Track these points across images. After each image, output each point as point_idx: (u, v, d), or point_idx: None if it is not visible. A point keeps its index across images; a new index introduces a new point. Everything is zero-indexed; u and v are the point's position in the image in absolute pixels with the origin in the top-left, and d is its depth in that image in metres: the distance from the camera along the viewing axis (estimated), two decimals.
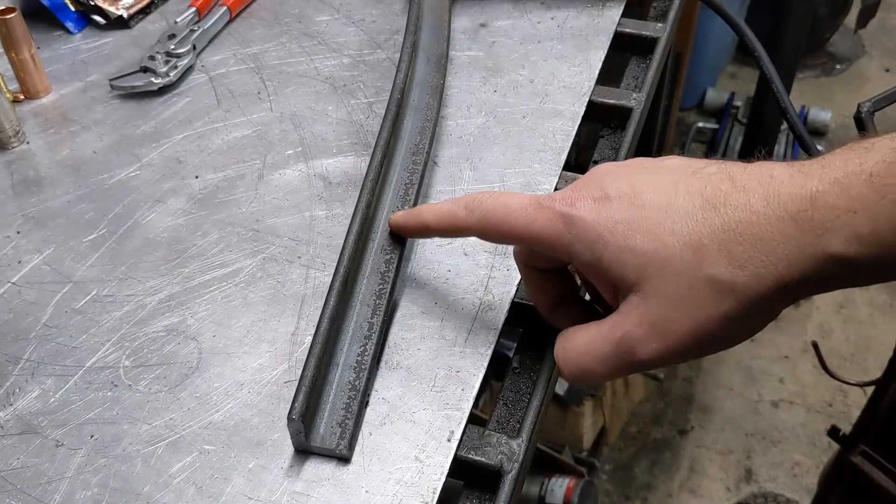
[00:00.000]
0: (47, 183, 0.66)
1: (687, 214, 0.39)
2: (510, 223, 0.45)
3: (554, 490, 1.44)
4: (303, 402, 0.44)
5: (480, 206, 0.46)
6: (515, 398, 0.51)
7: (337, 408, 0.46)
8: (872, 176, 0.35)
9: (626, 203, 0.41)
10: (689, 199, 0.39)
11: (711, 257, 0.38)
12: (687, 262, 0.38)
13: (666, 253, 0.39)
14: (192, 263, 0.58)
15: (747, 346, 2.07)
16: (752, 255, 0.37)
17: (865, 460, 1.11)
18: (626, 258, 0.40)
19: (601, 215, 0.41)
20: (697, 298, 0.39)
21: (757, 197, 0.37)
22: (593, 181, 0.43)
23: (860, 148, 0.36)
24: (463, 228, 0.48)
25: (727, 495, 1.79)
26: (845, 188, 0.35)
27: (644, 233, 0.40)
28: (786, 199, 0.36)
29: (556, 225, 0.43)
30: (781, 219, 0.36)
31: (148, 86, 0.73)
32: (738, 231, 0.37)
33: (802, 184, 0.36)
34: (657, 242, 0.39)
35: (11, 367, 0.52)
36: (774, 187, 0.37)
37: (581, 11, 0.78)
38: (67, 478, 0.46)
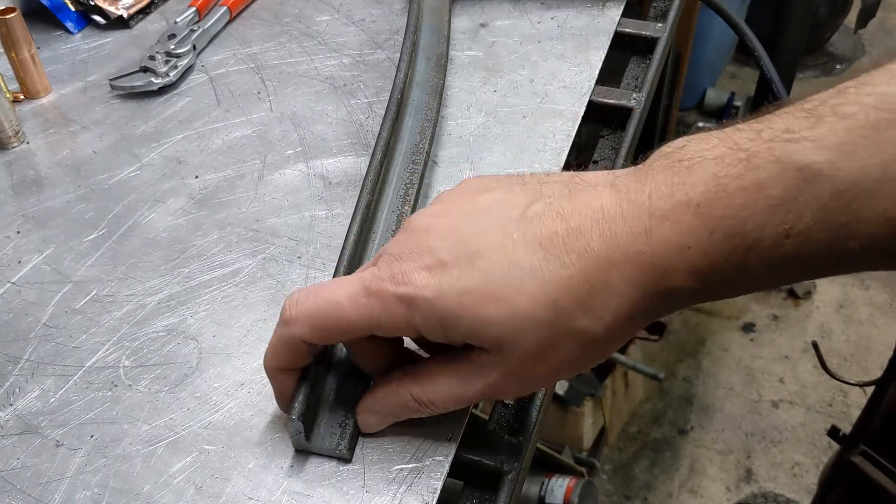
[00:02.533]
0: (47, 183, 0.66)
1: (533, 271, 0.37)
2: (345, 320, 0.40)
3: (554, 490, 1.44)
4: (302, 402, 0.43)
5: (301, 312, 0.41)
6: (515, 398, 0.51)
7: (337, 408, 0.46)
8: (700, 206, 0.35)
9: (465, 267, 0.38)
10: (529, 251, 0.38)
11: (567, 313, 0.38)
12: (544, 322, 0.38)
13: (521, 317, 0.38)
14: (192, 263, 0.58)
15: (747, 347, 2.08)
16: (604, 303, 0.37)
17: (865, 460, 1.11)
18: (480, 329, 0.38)
19: (442, 288, 0.38)
20: (557, 349, 0.39)
21: (595, 240, 0.37)
22: (417, 242, 0.40)
23: (681, 168, 0.37)
24: (296, 345, 0.42)
25: (727, 495, 1.79)
26: (676, 222, 0.36)
27: (494, 300, 0.38)
28: (623, 241, 0.37)
29: (397, 310, 0.39)
30: (623, 262, 0.37)
31: (148, 86, 0.73)
32: (587, 281, 0.37)
33: (635, 220, 0.37)
34: (510, 308, 0.38)
35: (11, 367, 0.52)
36: (608, 227, 0.37)
37: (581, 11, 0.78)
38: (67, 478, 0.46)
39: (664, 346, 2.06)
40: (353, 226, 0.52)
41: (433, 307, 0.38)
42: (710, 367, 2.04)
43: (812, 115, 0.34)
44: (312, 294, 0.42)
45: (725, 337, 2.11)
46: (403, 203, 0.56)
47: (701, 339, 2.11)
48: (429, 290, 0.38)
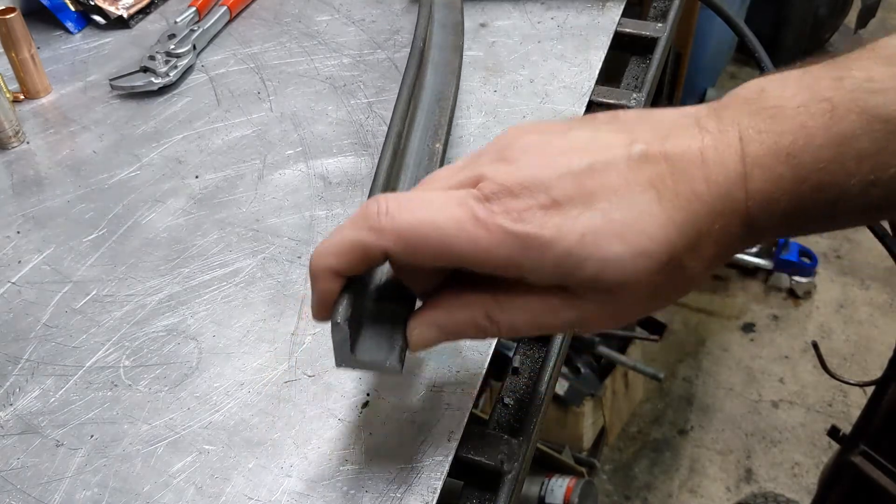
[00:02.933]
0: (47, 183, 0.66)
1: (651, 212, 0.37)
2: (445, 248, 0.37)
3: (554, 490, 1.44)
4: (347, 307, 0.38)
5: (395, 225, 0.37)
6: (515, 398, 0.51)
7: (383, 323, 0.41)
8: (790, 157, 0.36)
9: (582, 207, 0.36)
10: (644, 192, 0.37)
11: (680, 254, 0.37)
12: (662, 262, 0.37)
13: (644, 257, 0.37)
14: (192, 263, 0.58)
15: (747, 347, 2.08)
16: (708, 248, 0.38)
17: (865, 460, 1.11)
18: (604, 270, 0.37)
19: (563, 228, 0.36)
20: (661, 288, 0.38)
21: (700, 184, 0.37)
22: (527, 176, 0.37)
23: (766, 114, 0.37)
24: (374, 255, 0.38)
25: (727, 495, 1.79)
26: (769, 171, 0.36)
27: (618, 239, 0.36)
28: (725, 187, 0.37)
29: (508, 247, 0.36)
30: (725, 209, 0.37)
31: (148, 86, 0.73)
32: (697, 226, 0.37)
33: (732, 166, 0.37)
34: (633, 248, 0.36)
35: (11, 367, 0.52)
36: (710, 171, 0.37)
37: (581, 11, 0.78)
38: (67, 478, 0.46)
39: (664, 346, 2.06)
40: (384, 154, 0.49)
41: (552, 249, 0.36)
42: (710, 367, 2.04)
43: (892, 62, 0.35)
44: (407, 208, 0.37)
45: (725, 337, 2.11)
46: (434, 141, 0.54)
47: (701, 339, 2.11)
48: (548, 230, 0.36)
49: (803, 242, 2.23)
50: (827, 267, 2.25)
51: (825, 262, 2.25)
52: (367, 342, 0.40)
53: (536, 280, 0.38)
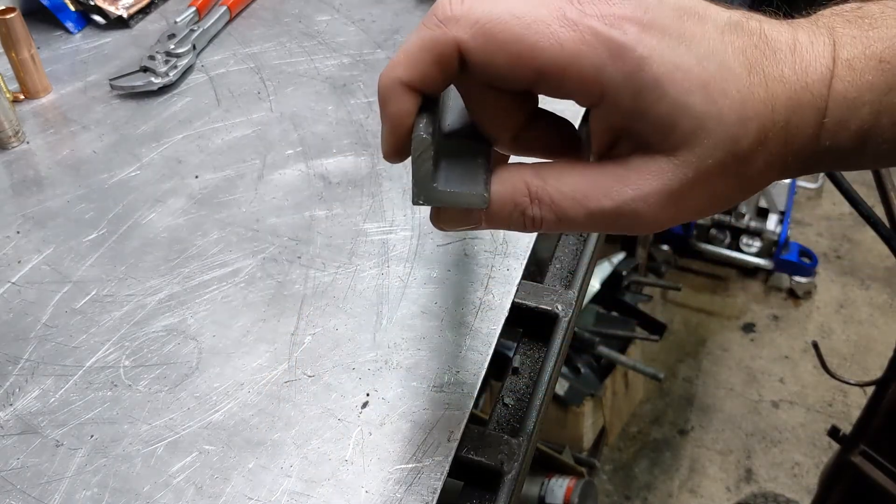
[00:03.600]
0: (47, 183, 0.66)
1: (737, 77, 0.34)
2: (526, 43, 0.32)
3: (554, 490, 1.44)
4: (428, 123, 0.34)
5: (469, 12, 0.33)
6: (515, 398, 0.51)
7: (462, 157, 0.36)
8: (882, 62, 0.35)
9: (678, 41, 0.33)
10: (737, 55, 0.34)
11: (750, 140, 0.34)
12: (734, 137, 0.34)
13: (720, 121, 0.34)
14: (192, 263, 0.58)
15: (747, 347, 2.08)
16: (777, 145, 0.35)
17: (865, 460, 1.11)
18: (678, 118, 0.33)
19: (657, 51, 0.33)
20: (724, 177, 0.35)
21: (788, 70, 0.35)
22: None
23: (863, 22, 0.36)
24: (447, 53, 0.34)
25: (727, 495, 1.79)
26: (858, 74, 0.35)
27: (702, 89, 0.33)
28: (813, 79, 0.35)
29: (597, 54, 0.32)
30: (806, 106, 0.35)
31: (148, 86, 0.73)
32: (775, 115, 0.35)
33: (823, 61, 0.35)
34: (714, 106, 0.33)
35: (11, 367, 0.52)
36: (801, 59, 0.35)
37: None
38: (67, 478, 0.46)
39: (664, 346, 2.06)
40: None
41: (644, 67, 0.33)
42: (710, 367, 2.04)
43: None
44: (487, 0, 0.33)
45: (725, 337, 2.11)
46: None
47: (701, 339, 2.11)
48: (643, 46, 0.32)
49: (804, 242, 2.23)
50: (827, 267, 2.25)
51: (825, 262, 2.25)
52: (448, 173, 0.35)
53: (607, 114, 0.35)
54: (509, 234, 0.57)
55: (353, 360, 0.50)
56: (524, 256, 0.56)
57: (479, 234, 0.57)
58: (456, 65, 0.34)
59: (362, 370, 0.50)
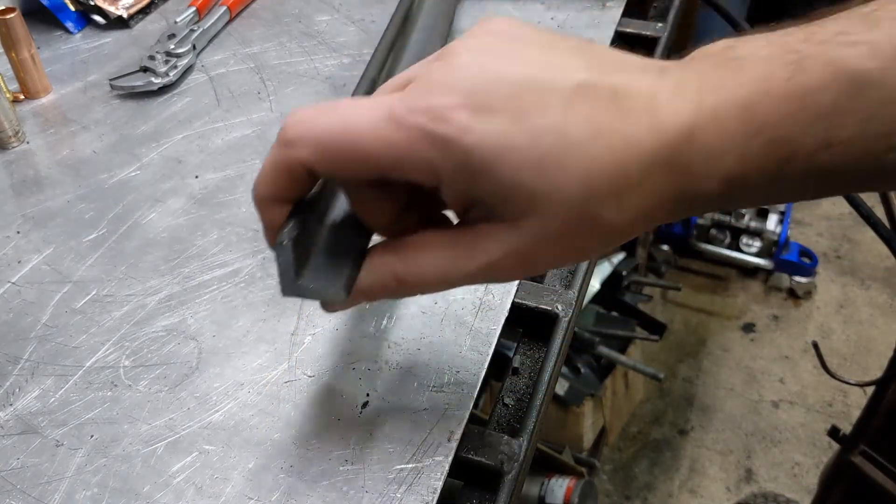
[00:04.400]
0: (47, 183, 0.66)
1: (578, 147, 0.34)
2: (362, 151, 0.34)
3: (554, 490, 1.44)
4: (293, 227, 0.37)
5: (308, 132, 0.35)
6: (515, 398, 0.51)
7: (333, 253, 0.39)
8: (745, 109, 0.34)
9: (511, 121, 0.34)
10: (579, 125, 0.34)
11: (599, 200, 0.35)
12: (575, 203, 0.35)
13: (556, 193, 0.34)
14: (192, 263, 0.58)
15: (747, 347, 2.08)
16: (635, 200, 0.35)
17: (865, 460, 1.11)
18: (510, 195, 0.35)
19: (485, 137, 0.33)
20: (574, 236, 0.36)
21: (642, 130, 0.35)
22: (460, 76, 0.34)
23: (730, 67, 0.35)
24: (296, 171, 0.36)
25: (727, 495, 1.79)
26: (722, 123, 0.34)
27: (535, 166, 0.34)
28: (668, 135, 0.34)
29: (427, 150, 0.34)
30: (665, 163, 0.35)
31: (148, 86, 0.73)
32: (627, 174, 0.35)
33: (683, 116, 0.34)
34: (548, 179, 0.34)
35: (11, 367, 0.52)
36: (656, 116, 0.35)
37: (581, 11, 0.78)
38: (67, 478, 0.46)
39: (664, 346, 2.06)
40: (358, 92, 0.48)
41: (472, 154, 0.34)
42: (710, 367, 2.04)
43: (868, 19, 0.33)
44: (323, 112, 0.35)
45: (725, 337, 2.11)
46: None
47: (701, 339, 2.11)
48: (470, 135, 0.33)
49: (804, 242, 2.23)
50: (827, 267, 2.25)
51: (825, 262, 2.25)
52: (314, 270, 0.38)
53: (452, 196, 0.36)
54: None
55: (353, 360, 0.50)
56: None
57: None
58: (307, 178, 0.37)
59: (362, 370, 0.50)
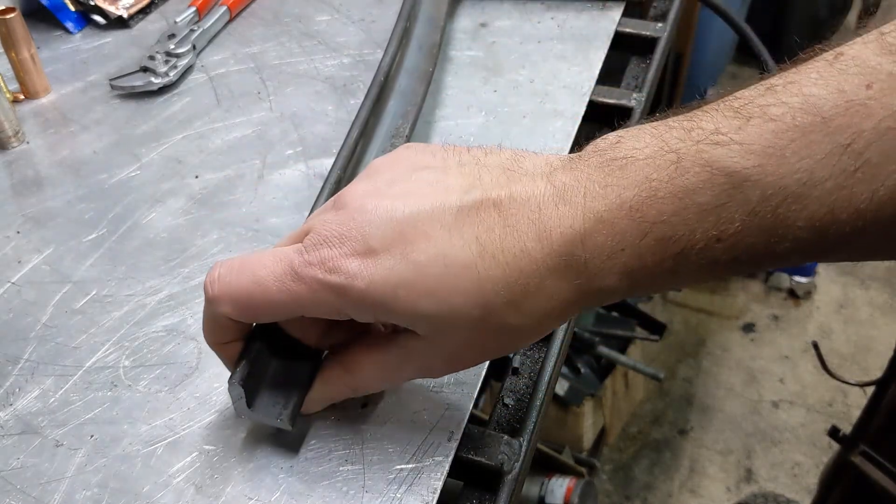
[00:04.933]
0: (47, 183, 0.66)
1: (468, 268, 0.37)
2: (272, 303, 0.39)
3: (554, 490, 1.44)
4: (244, 368, 0.42)
5: (224, 290, 0.40)
6: (515, 398, 0.51)
7: (282, 380, 0.45)
8: (632, 210, 0.35)
9: (398, 257, 0.37)
10: (465, 246, 0.37)
11: (499, 313, 0.38)
12: (476, 318, 0.38)
13: (454, 314, 0.38)
14: (192, 263, 0.58)
15: (747, 347, 2.08)
16: (537, 305, 0.38)
17: (865, 460, 1.11)
18: (414, 322, 0.39)
19: (375, 279, 0.37)
20: (487, 340, 0.40)
21: (531, 241, 0.37)
22: (348, 224, 0.38)
23: (614, 166, 0.36)
24: (223, 322, 0.42)
25: (727, 495, 1.79)
26: (610, 226, 0.36)
27: (428, 296, 0.37)
28: (558, 245, 0.36)
29: (326, 297, 0.38)
30: (558, 268, 0.37)
31: (148, 86, 0.73)
32: (521, 284, 0.37)
33: (570, 222, 0.36)
34: (444, 305, 0.37)
35: (11, 367, 0.52)
36: (544, 228, 0.37)
37: (581, 11, 0.78)
38: (67, 478, 0.46)
39: (664, 346, 2.06)
40: (319, 199, 0.51)
41: (365, 297, 0.38)
42: (710, 367, 2.04)
43: (740, 115, 0.34)
44: (236, 270, 0.40)
45: (725, 337, 2.11)
46: None
47: (701, 339, 2.11)
48: (360, 280, 0.37)
49: None
50: (827, 267, 2.25)
51: (825, 263, 2.25)
52: (264, 399, 0.44)
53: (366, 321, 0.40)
54: None
55: None
56: None
57: None
58: (235, 326, 0.42)
59: None
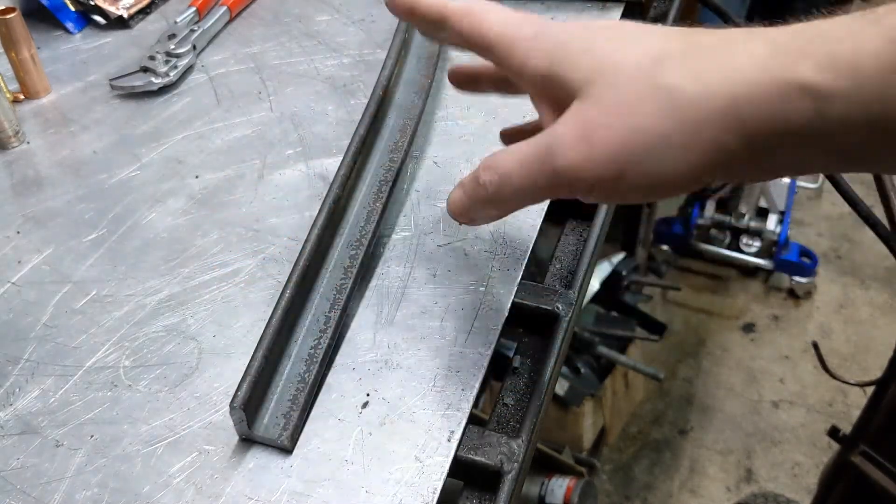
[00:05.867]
0: (47, 183, 0.66)
1: (656, 33, 0.37)
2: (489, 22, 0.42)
3: (554, 490, 1.44)
4: (246, 392, 0.44)
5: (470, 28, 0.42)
6: (515, 398, 0.51)
7: (284, 399, 0.47)
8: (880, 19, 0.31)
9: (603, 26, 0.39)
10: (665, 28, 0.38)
11: (669, 65, 0.35)
12: (642, 68, 0.35)
13: (623, 57, 0.36)
14: (192, 263, 0.58)
15: (747, 347, 2.08)
16: (711, 68, 0.33)
17: (865, 460, 1.11)
18: (581, 60, 0.37)
19: (570, 28, 0.40)
20: (640, 105, 0.35)
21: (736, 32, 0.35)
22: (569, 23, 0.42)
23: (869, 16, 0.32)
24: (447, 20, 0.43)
25: (727, 495, 1.79)
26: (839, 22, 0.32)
27: (607, 38, 0.38)
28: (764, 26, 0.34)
29: (524, 29, 0.40)
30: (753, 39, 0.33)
31: (148, 86, 0.73)
32: (706, 46, 0.35)
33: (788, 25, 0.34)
34: (618, 47, 0.37)
35: (11, 367, 0.52)
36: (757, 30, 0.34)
37: (581, 11, 0.78)
38: (67, 478, 0.46)
39: (664, 346, 2.06)
40: (318, 219, 0.52)
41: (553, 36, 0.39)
42: (710, 367, 2.04)
43: None
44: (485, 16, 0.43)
45: (725, 337, 2.11)
46: (375, 200, 0.56)
47: (701, 339, 2.11)
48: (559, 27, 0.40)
49: (804, 242, 2.23)
50: (827, 267, 2.25)
51: (825, 262, 2.25)
52: (266, 419, 0.46)
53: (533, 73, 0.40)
54: (509, 235, 0.57)
55: (353, 360, 0.50)
56: (524, 256, 0.56)
57: (479, 234, 0.57)
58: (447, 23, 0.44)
59: (362, 370, 0.50)
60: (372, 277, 0.56)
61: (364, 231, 0.54)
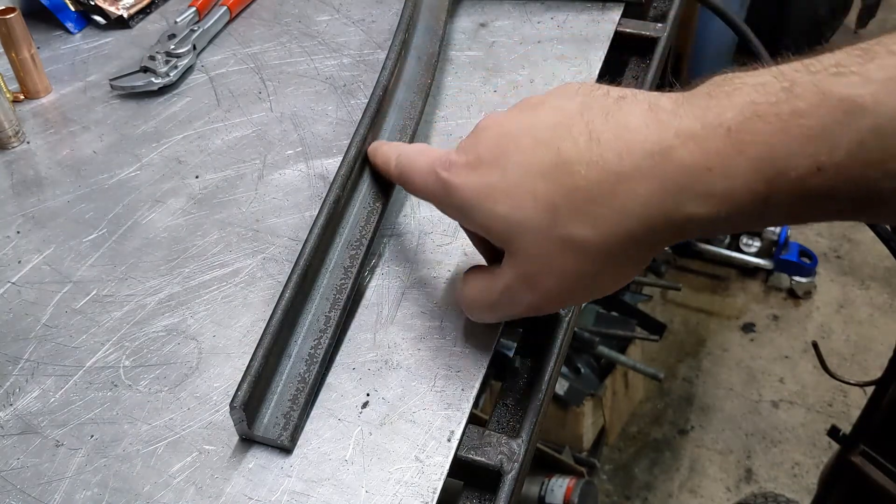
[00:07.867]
0: (47, 183, 0.66)
1: (544, 175, 0.40)
2: (412, 183, 0.49)
3: (554, 490, 1.44)
4: (246, 392, 0.44)
5: (399, 159, 0.51)
6: (515, 398, 0.51)
7: (284, 399, 0.47)
8: (730, 130, 0.35)
9: (492, 165, 0.42)
10: (547, 156, 0.40)
11: (564, 217, 0.39)
12: (542, 224, 0.40)
13: (523, 216, 0.41)
14: (192, 263, 0.58)
15: (747, 347, 2.08)
16: (603, 214, 0.38)
17: (865, 460, 1.11)
18: (490, 223, 0.43)
19: (469, 182, 0.43)
20: (554, 257, 0.41)
21: (610, 153, 0.37)
22: (474, 140, 0.45)
23: (721, 93, 0.36)
24: (392, 176, 0.53)
25: (727, 495, 1.79)
26: (701, 143, 0.35)
27: (505, 197, 0.41)
28: (638, 157, 0.36)
29: (438, 190, 0.46)
30: (633, 177, 0.37)
31: (148, 86, 0.73)
32: (589, 190, 0.38)
33: (658, 137, 0.36)
34: (515, 206, 0.41)
35: (11, 367, 0.52)
36: (627, 141, 0.37)
37: (581, 11, 0.78)
38: (67, 478, 0.46)
39: (664, 346, 2.06)
40: (318, 219, 0.52)
41: (459, 196, 0.44)
42: (710, 367, 2.04)
43: (866, 52, 0.33)
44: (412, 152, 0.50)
45: (725, 337, 2.11)
46: (375, 200, 0.56)
47: (701, 339, 2.11)
48: (458, 179, 0.44)
49: (803, 242, 2.23)
50: (827, 267, 2.25)
51: (825, 262, 2.25)
52: (266, 418, 0.46)
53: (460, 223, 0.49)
54: None
55: (353, 360, 0.51)
56: None
57: None
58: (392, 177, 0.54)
59: (362, 370, 0.50)
60: (372, 277, 0.56)
61: (364, 231, 0.54)
